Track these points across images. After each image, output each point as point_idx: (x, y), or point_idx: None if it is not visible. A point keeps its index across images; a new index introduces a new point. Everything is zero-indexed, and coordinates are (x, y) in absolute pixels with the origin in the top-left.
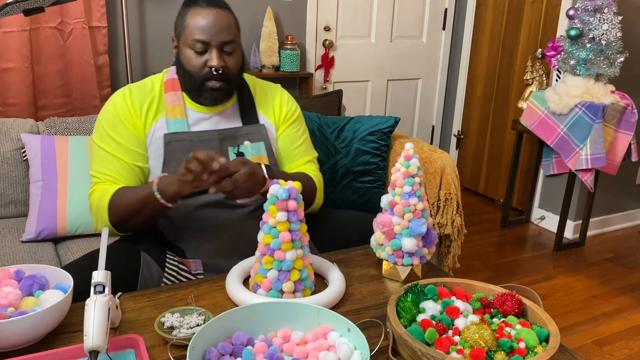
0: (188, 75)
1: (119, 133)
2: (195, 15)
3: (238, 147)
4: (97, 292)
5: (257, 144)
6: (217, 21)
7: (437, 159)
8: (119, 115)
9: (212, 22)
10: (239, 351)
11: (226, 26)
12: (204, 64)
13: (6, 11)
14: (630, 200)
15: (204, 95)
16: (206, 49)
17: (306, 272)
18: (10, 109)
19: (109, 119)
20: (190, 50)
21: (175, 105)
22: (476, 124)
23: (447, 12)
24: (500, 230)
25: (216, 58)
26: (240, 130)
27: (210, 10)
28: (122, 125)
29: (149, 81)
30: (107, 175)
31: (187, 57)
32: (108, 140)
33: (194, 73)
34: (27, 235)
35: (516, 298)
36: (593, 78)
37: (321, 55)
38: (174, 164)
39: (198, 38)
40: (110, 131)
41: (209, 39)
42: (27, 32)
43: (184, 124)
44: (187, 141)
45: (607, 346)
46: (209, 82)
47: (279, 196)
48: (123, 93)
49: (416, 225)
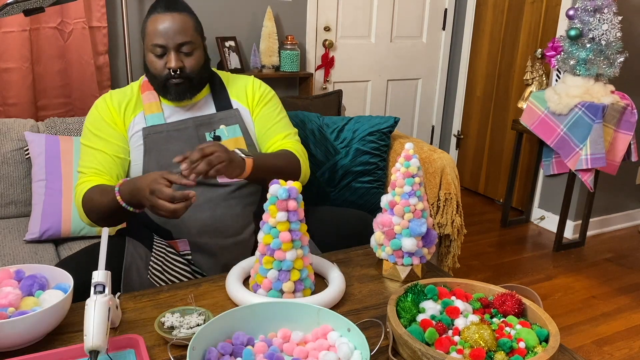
0: (152, 76)
1: (102, 130)
2: (154, 21)
3: (214, 131)
4: (97, 292)
5: (232, 127)
6: (172, 25)
7: (437, 159)
8: (101, 115)
9: (168, 26)
10: (239, 351)
11: (181, 29)
12: (164, 66)
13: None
14: (630, 200)
15: (169, 93)
16: (164, 52)
17: (306, 272)
18: (11, 109)
19: (92, 121)
20: (151, 54)
21: (152, 102)
22: (476, 124)
23: (447, 12)
24: (500, 230)
25: (174, 60)
26: (215, 116)
27: (166, 15)
28: (104, 124)
29: (128, 87)
30: (92, 168)
31: (149, 61)
32: (92, 138)
33: (156, 74)
34: (31, 234)
35: (516, 298)
36: (593, 78)
37: (321, 55)
38: (154, 154)
39: (156, 43)
40: (94, 130)
41: (165, 42)
42: (27, 32)
43: (161, 117)
44: (164, 132)
45: (607, 346)
46: (170, 81)
47: (279, 196)
48: (104, 98)
49: (416, 225)
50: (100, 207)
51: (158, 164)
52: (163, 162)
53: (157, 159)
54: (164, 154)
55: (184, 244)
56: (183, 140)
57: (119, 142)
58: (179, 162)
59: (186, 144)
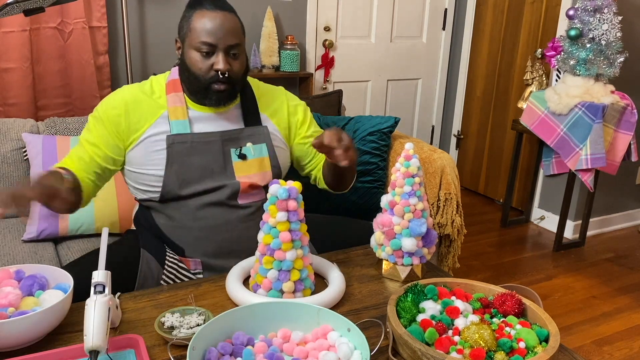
0: (193, 77)
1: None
2: (202, 17)
3: (240, 148)
4: (97, 292)
5: (259, 146)
6: (224, 24)
7: (437, 159)
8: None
9: (219, 25)
10: (239, 351)
11: (233, 29)
12: (210, 67)
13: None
14: (630, 200)
15: (209, 97)
16: (212, 51)
17: (306, 272)
18: (11, 109)
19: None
20: (197, 53)
21: (177, 106)
22: (476, 124)
23: (447, 12)
24: (500, 230)
25: (222, 61)
26: (243, 131)
27: (217, 13)
28: (101, 122)
29: (149, 81)
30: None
31: (192, 60)
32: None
33: (199, 75)
34: (29, 234)
35: (516, 298)
36: (593, 78)
37: (321, 55)
38: (175, 166)
39: (205, 40)
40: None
41: (216, 42)
42: (27, 32)
43: (186, 125)
44: (189, 143)
45: (607, 346)
46: (214, 85)
47: (279, 196)
48: (122, 91)
49: (416, 225)
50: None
51: (178, 177)
52: (183, 176)
53: (178, 172)
54: (186, 167)
55: (196, 263)
56: (207, 153)
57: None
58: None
59: (210, 158)
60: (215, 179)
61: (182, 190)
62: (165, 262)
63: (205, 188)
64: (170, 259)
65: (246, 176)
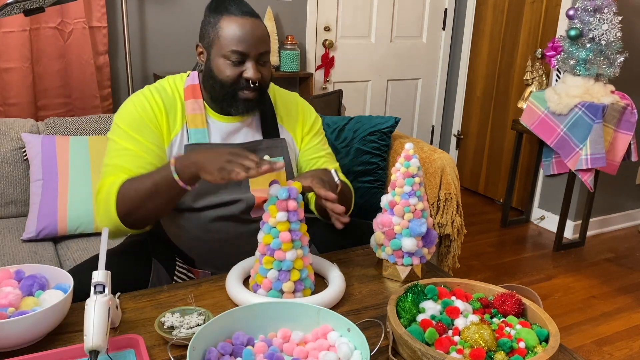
0: (220, 85)
1: (141, 131)
2: (230, 23)
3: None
4: (97, 292)
5: (276, 159)
6: (254, 32)
7: (437, 159)
8: (141, 116)
9: (249, 32)
10: (239, 351)
11: (263, 36)
12: (239, 75)
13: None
14: (630, 200)
15: (235, 106)
16: (243, 60)
17: (306, 272)
18: (11, 109)
19: (128, 120)
20: (226, 61)
21: (197, 114)
22: (476, 124)
23: (447, 12)
24: (500, 230)
25: (254, 70)
26: (261, 143)
27: (246, 20)
28: (143, 124)
29: (166, 84)
30: (122, 167)
31: (220, 68)
32: (126, 137)
33: (227, 83)
34: (28, 234)
35: (516, 298)
36: (593, 78)
37: (321, 55)
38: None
39: (236, 49)
40: (129, 130)
41: (248, 50)
42: (27, 32)
43: (205, 134)
44: None
45: (607, 346)
46: (242, 93)
47: (279, 196)
48: (144, 95)
49: (416, 225)
50: (142, 185)
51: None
52: (199, 188)
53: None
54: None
55: (206, 274)
56: None
57: (158, 150)
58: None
59: None
60: (231, 192)
61: (196, 202)
62: (175, 273)
63: (220, 201)
64: (180, 268)
65: (261, 190)
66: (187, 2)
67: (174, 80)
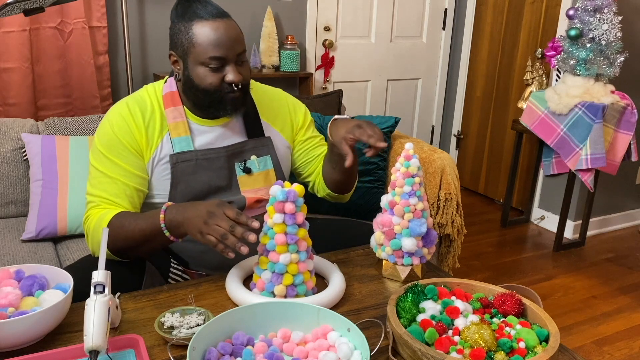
0: (203, 93)
1: (120, 156)
2: (204, 29)
3: (244, 162)
4: (97, 292)
5: (263, 158)
6: (229, 34)
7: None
8: (118, 138)
9: (224, 35)
10: (239, 351)
11: (237, 37)
12: (221, 80)
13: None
14: (630, 200)
15: (223, 109)
16: (222, 64)
17: (301, 278)
18: (10, 109)
19: (105, 142)
20: (205, 68)
21: (178, 121)
22: (476, 124)
23: (447, 12)
24: (500, 230)
25: (234, 73)
26: (246, 144)
27: (218, 23)
28: (122, 148)
29: (145, 94)
30: (103, 198)
31: (200, 76)
32: (105, 162)
33: (211, 90)
34: (27, 234)
35: (516, 298)
36: (593, 78)
37: (321, 55)
38: (181, 186)
39: (214, 55)
40: (107, 153)
41: (225, 54)
42: (27, 32)
43: (189, 142)
44: (193, 161)
45: (607, 346)
46: (227, 95)
47: (276, 197)
48: (120, 112)
49: (416, 225)
50: (131, 232)
51: (184, 198)
52: (189, 196)
53: (183, 192)
54: (191, 184)
55: (200, 276)
56: (212, 170)
57: (137, 171)
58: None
59: (215, 175)
60: (221, 195)
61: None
62: (169, 275)
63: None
64: (174, 270)
65: (252, 190)
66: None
67: (154, 89)
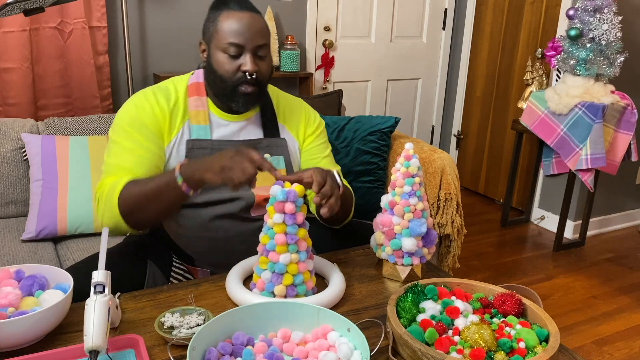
0: (220, 79)
1: (140, 130)
2: (229, 18)
3: None
4: (97, 292)
5: (276, 157)
6: (251, 24)
7: (437, 159)
8: (141, 119)
9: (246, 25)
10: (239, 351)
11: (260, 30)
12: (237, 68)
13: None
14: (630, 200)
15: (235, 100)
16: (240, 52)
17: (301, 278)
18: (10, 109)
19: (128, 119)
20: (223, 54)
21: (199, 110)
22: (476, 124)
23: (447, 12)
24: (500, 230)
25: (250, 62)
26: (262, 142)
27: (244, 14)
28: (144, 126)
29: (169, 85)
30: (121, 166)
31: (219, 61)
32: (125, 136)
33: (226, 77)
34: (27, 234)
35: (516, 298)
36: (593, 78)
37: (321, 55)
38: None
39: (232, 41)
40: (129, 128)
41: (244, 42)
42: (27, 32)
43: (207, 130)
44: (208, 149)
45: (607, 346)
46: (241, 87)
47: (277, 197)
48: (146, 97)
49: (416, 225)
50: (144, 189)
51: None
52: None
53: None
54: None
55: (205, 273)
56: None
57: (157, 150)
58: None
59: None
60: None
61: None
62: (171, 275)
63: (220, 198)
64: (177, 269)
65: (262, 188)
66: (187, 2)
67: (180, 79)
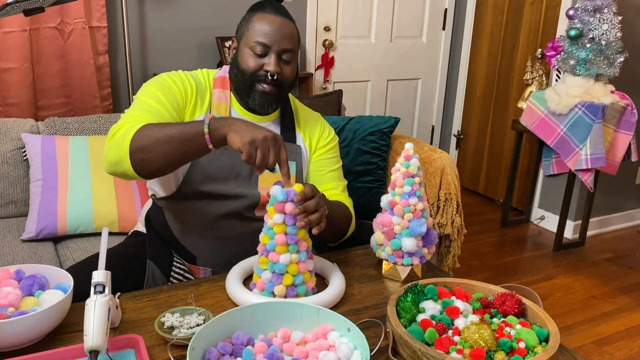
0: (241, 73)
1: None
2: (261, 19)
3: None
4: (97, 292)
5: (289, 163)
6: (281, 28)
7: (437, 159)
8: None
9: (276, 28)
10: (239, 351)
11: (289, 34)
12: (260, 66)
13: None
14: (630, 200)
15: (252, 97)
16: (266, 52)
17: (301, 278)
18: (10, 109)
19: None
20: (250, 51)
21: (221, 102)
22: (476, 124)
23: (447, 12)
24: (500, 230)
25: (274, 64)
26: None
27: (276, 17)
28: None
29: (199, 74)
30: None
31: (244, 57)
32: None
33: (247, 72)
34: (27, 234)
35: (516, 298)
36: (593, 78)
37: (321, 55)
38: (203, 161)
39: (260, 40)
40: (156, 90)
41: (271, 43)
42: (27, 32)
43: None
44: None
45: (607, 346)
46: (260, 84)
47: (277, 197)
48: (179, 72)
49: (416, 225)
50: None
51: (204, 171)
52: (209, 171)
53: (205, 165)
54: (214, 162)
55: (206, 272)
56: (238, 156)
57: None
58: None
59: (239, 161)
60: (239, 184)
61: (203, 186)
62: (172, 274)
63: (226, 192)
64: (177, 269)
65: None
66: (187, 2)
67: (207, 72)
